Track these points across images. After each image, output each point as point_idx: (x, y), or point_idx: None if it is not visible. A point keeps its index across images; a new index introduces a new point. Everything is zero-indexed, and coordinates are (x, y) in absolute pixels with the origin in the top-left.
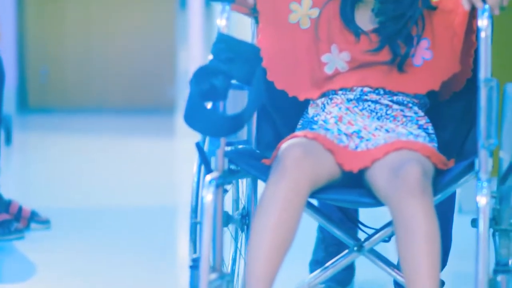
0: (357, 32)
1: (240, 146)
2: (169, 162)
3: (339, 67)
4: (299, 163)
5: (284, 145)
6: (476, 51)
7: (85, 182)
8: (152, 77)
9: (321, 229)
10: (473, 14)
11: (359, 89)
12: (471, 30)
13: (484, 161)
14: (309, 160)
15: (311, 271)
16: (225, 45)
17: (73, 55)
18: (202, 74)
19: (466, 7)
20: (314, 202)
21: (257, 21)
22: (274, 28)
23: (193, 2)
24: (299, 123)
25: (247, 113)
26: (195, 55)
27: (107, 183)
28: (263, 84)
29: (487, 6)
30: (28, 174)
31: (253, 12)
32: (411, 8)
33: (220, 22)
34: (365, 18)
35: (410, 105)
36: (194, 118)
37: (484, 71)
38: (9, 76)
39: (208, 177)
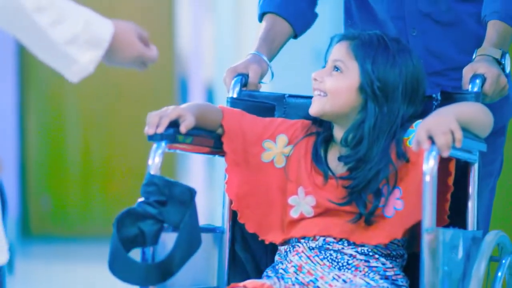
0: (326, 174)
1: None
2: None
3: (304, 211)
4: None
5: None
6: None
7: None
8: None
9: None
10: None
11: (322, 238)
12: (447, 173)
13: None
14: None
15: None
16: (155, 188)
17: (74, 183)
18: (127, 218)
19: (414, 148)
20: None
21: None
22: (243, 168)
23: None
24: (266, 270)
25: (176, 260)
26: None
27: None
28: (197, 227)
29: (435, 148)
30: None
31: (216, 150)
32: (381, 161)
33: (152, 162)
34: (337, 161)
35: (377, 256)
36: (117, 266)
37: (428, 219)
38: (11, 205)
39: None
